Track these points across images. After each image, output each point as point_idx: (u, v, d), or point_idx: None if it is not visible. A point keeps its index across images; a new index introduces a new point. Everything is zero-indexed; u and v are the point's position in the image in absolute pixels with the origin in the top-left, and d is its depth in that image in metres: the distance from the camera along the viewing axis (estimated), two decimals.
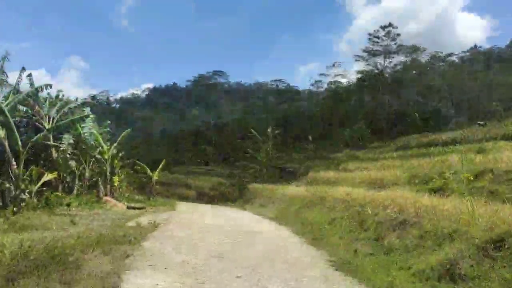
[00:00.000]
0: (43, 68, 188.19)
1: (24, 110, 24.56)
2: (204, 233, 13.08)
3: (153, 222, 13.71)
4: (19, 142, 20.10)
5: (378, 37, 67.68)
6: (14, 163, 20.07)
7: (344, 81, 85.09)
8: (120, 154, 34.37)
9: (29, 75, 24.65)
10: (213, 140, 76.45)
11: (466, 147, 25.19)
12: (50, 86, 23.95)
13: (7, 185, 20.03)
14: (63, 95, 30.51)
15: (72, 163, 24.69)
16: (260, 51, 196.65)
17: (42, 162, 25.48)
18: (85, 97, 47.24)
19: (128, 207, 23.59)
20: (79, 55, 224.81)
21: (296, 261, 9.62)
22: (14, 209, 18.43)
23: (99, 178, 28.69)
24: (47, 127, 24.09)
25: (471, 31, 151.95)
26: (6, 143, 20.35)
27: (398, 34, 67.19)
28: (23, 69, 23.65)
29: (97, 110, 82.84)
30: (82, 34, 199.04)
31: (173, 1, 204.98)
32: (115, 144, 30.16)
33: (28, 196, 20.75)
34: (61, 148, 23.89)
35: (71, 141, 24.51)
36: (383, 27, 66.74)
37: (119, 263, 7.38)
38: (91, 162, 27.73)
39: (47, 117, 25.42)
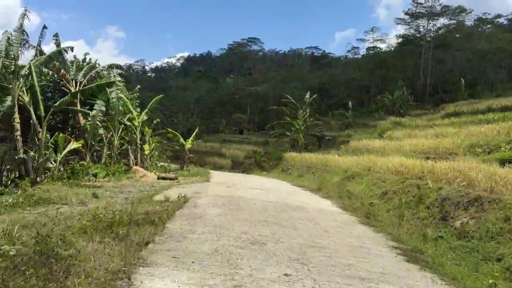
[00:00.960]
0: (82, 39, 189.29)
1: (50, 74, 23.29)
2: (240, 210, 11.42)
3: (183, 197, 12.08)
4: (41, 107, 18.80)
5: None
6: (40, 129, 18.87)
7: (383, 46, 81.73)
8: (154, 122, 33.05)
9: (55, 35, 23.28)
10: (248, 108, 74.79)
11: None
12: (72, 48, 22.58)
13: (32, 153, 18.86)
14: (90, 59, 29.13)
15: (101, 130, 23.28)
16: (296, 17, 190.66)
17: (70, 129, 24.36)
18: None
19: (158, 177, 22.19)
20: (115, 24, 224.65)
21: (354, 250, 7.81)
22: (38, 178, 17.33)
23: (129, 147, 27.42)
24: (73, 91, 22.75)
25: None
26: (31, 109, 19.15)
27: None
28: (44, 27, 22.18)
29: (132, 78, 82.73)
30: (119, 2, 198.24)
31: None
32: (145, 110, 28.60)
33: (54, 165, 19.64)
34: (91, 114, 22.42)
35: (103, 107, 22.96)
36: None
37: (133, 255, 5.71)
38: (120, 129, 26.20)
39: (73, 81, 24.10)
